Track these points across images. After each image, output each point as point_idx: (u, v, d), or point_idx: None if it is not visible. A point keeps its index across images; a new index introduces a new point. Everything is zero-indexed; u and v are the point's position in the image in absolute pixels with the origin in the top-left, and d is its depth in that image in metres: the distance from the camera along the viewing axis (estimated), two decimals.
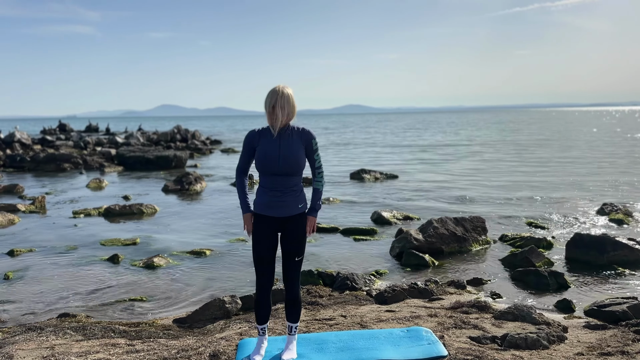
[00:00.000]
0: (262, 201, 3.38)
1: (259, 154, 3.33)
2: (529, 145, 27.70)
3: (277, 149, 3.30)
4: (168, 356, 3.90)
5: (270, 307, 3.61)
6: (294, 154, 3.31)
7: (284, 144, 3.32)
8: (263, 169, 3.33)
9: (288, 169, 3.31)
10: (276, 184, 3.34)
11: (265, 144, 3.33)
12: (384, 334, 4.07)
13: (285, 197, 3.36)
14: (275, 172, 3.31)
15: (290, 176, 3.35)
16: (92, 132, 56.26)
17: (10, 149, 27.28)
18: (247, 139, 3.42)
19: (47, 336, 4.43)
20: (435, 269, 6.70)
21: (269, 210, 3.37)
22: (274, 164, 3.29)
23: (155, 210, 11.00)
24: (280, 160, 3.29)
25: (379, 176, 15.73)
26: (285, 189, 3.36)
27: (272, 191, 3.35)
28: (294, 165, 3.31)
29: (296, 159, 3.32)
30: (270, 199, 3.36)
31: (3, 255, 7.62)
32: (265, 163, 3.30)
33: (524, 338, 3.92)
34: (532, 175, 15.63)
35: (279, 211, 3.37)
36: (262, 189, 3.41)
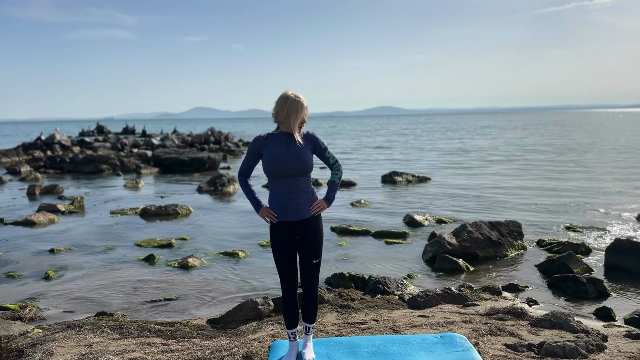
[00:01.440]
0: (277, 207, 3.42)
1: (268, 157, 3.37)
2: (568, 148, 27.03)
3: (285, 150, 3.36)
4: (202, 356, 3.96)
5: (298, 310, 3.62)
6: (301, 153, 3.36)
7: (292, 146, 3.37)
8: (274, 171, 3.36)
9: (297, 169, 3.36)
10: (287, 186, 3.38)
11: (273, 147, 3.38)
12: (417, 339, 4.02)
13: (299, 199, 3.40)
14: (284, 173, 3.35)
15: (299, 176, 3.40)
16: (128, 134, 57.55)
17: (51, 150, 28.15)
18: (254, 144, 3.46)
19: (86, 334, 4.54)
20: (469, 274, 6.60)
21: (284, 215, 3.41)
22: (283, 164, 3.33)
23: (190, 211, 11.17)
24: (289, 160, 3.34)
25: (411, 179, 15.60)
26: (298, 191, 3.40)
27: (285, 194, 3.39)
28: (303, 164, 3.36)
29: (304, 158, 3.37)
30: (284, 204, 3.40)
31: (44, 253, 7.86)
32: (274, 164, 3.34)
33: (561, 346, 3.83)
34: (571, 180, 15.25)
35: (293, 215, 3.41)
36: (274, 194, 3.44)
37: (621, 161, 20.14)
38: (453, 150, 27.82)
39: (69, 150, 29.55)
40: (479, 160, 22.06)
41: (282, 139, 3.40)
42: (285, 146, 3.36)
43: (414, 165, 20.71)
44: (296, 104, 3.34)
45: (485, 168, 18.86)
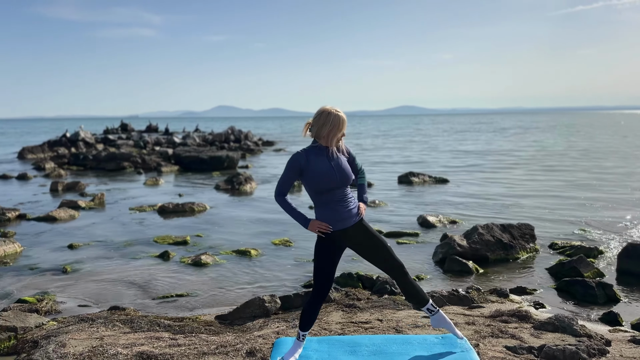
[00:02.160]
0: (329, 218, 3.49)
1: (316, 173, 3.44)
2: (594, 152, 26.60)
3: (329, 164, 3.46)
4: (207, 351, 4.07)
5: (316, 316, 3.71)
6: (343, 166, 3.51)
7: (333, 159, 3.50)
8: (322, 187, 3.45)
9: (344, 181, 3.49)
10: (338, 197, 3.50)
11: (316, 163, 3.46)
12: (418, 339, 4.08)
13: (349, 206, 3.53)
14: (333, 186, 3.46)
15: (345, 187, 3.54)
16: (151, 131, 58.35)
17: (75, 148, 28.76)
18: (294, 162, 3.46)
19: (98, 327, 4.70)
20: (478, 276, 6.61)
21: (337, 224, 3.49)
22: (332, 178, 3.44)
23: (206, 208, 11.36)
24: (335, 173, 3.45)
25: (428, 179, 15.57)
26: (345, 200, 3.53)
27: (337, 205, 3.49)
28: (348, 175, 3.51)
29: (348, 170, 3.53)
30: (336, 214, 3.49)
31: (64, 248, 8.09)
32: (323, 180, 3.43)
33: (561, 350, 3.84)
34: (592, 183, 15.05)
35: (347, 222, 3.51)
36: (324, 207, 3.50)
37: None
38: (473, 152, 27.62)
39: (92, 147, 30.13)
40: (498, 162, 21.88)
41: (322, 153, 3.48)
42: (328, 161, 3.47)
43: (432, 166, 20.64)
44: (338, 119, 3.44)
45: (504, 170, 18.71)
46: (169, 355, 3.99)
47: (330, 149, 3.51)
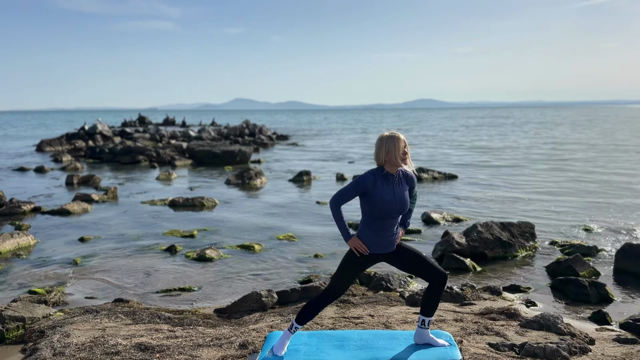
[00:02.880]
0: (372, 241, 3.66)
1: (378, 200, 3.58)
2: (611, 148, 26.30)
3: (392, 194, 3.60)
4: (202, 343, 4.27)
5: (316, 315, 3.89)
6: (405, 197, 3.65)
7: (397, 189, 3.64)
8: (381, 214, 3.59)
9: (400, 211, 3.64)
10: (388, 225, 3.65)
11: (382, 190, 3.59)
12: (405, 335, 4.22)
13: (393, 234, 3.70)
14: (391, 215, 3.61)
15: (398, 216, 3.70)
16: (168, 124, 58.99)
17: (93, 140, 29.27)
18: (363, 182, 3.58)
19: (101, 319, 4.93)
20: (475, 273, 6.72)
21: (380, 249, 3.68)
22: (392, 209, 3.59)
23: (215, 203, 11.58)
24: (396, 205, 3.60)
25: (437, 176, 15.62)
26: (392, 228, 3.68)
27: (384, 232, 3.65)
28: (405, 207, 3.66)
29: (407, 202, 3.67)
30: (380, 240, 3.66)
31: (75, 241, 8.37)
32: (384, 208, 3.57)
33: (542, 348, 3.96)
34: (603, 184, 14.96)
35: (385, 249, 3.70)
36: (371, 230, 3.65)
37: None
38: (486, 148, 27.51)
39: (109, 140, 30.63)
40: (512, 158, 21.80)
41: (388, 181, 3.62)
42: (393, 191, 3.61)
43: (443, 162, 20.64)
44: (392, 139, 3.57)
45: (515, 168, 18.66)
46: (165, 346, 4.19)
47: (396, 174, 3.64)
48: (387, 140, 3.59)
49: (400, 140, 3.61)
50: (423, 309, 3.92)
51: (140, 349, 4.15)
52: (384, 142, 3.60)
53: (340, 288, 3.79)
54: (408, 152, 3.65)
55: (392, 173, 3.64)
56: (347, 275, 3.76)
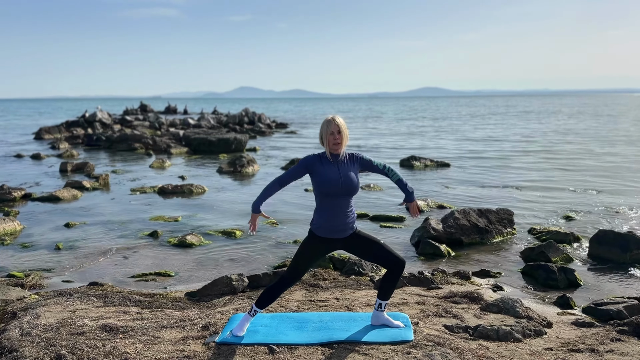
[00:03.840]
0: (326, 226, 3.75)
1: (321, 178, 3.68)
2: (615, 139, 26.17)
3: (337, 172, 3.69)
4: (167, 325, 4.37)
5: (275, 299, 4.00)
6: (351, 177, 3.72)
7: (342, 167, 3.72)
8: (327, 191, 3.68)
9: (349, 190, 3.71)
10: (339, 206, 3.72)
11: (325, 169, 3.70)
12: (363, 317, 4.32)
13: (346, 219, 3.77)
14: (337, 193, 3.69)
15: (349, 197, 3.76)
16: (170, 113, 59.08)
17: (92, 128, 29.38)
18: (306, 162, 3.72)
19: (73, 301, 5.03)
20: (450, 259, 6.80)
21: (332, 233, 3.77)
22: (336, 185, 3.67)
23: (204, 190, 11.68)
24: (342, 182, 3.68)
25: (430, 164, 15.66)
26: (345, 211, 3.76)
27: (335, 214, 3.73)
28: (353, 185, 3.72)
29: (354, 180, 3.74)
30: (334, 224, 3.74)
31: (60, 227, 8.49)
32: (328, 185, 3.66)
33: (495, 330, 4.04)
34: (600, 169, 14.99)
35: (340, 233, 3.78)
36: (324, 212, 3.75)
37: None
38: (485, 138, 27.48)
39: (109, 128, 30.74)
40: (507, 149, 21.80)
41: (332, 162, 3.72)
42: (337, 170, 3.70)
43: (438, 150, 20.66)
44: (324, 123, 3.70)
45: (510, 156, 18.67)
46: (129, 327, 4.29)
47: (341, 156, 3.72)
48: (322, 124, 3.72)
49: (330, 124, 3.68)
50: (380, 293, 4.02)
51: (105, 330, 4.24)
52: (321, 125, 3.73)
53: (296, 273, 3.88)
54: (341, 136, 3.67)
55: (335, 154, 3.72)
56: (302, 261, 3.85)
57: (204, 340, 3.97)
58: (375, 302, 4.07)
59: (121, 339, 4.06)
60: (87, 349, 3.79)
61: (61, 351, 3.74)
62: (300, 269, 3.87)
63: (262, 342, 3.88)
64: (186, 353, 3.75)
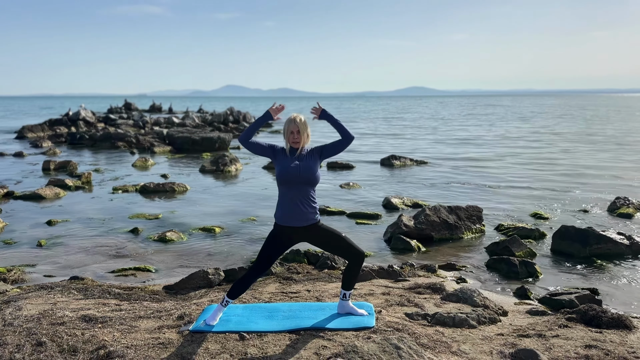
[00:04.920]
0: (284, 213, 4.00)
1: (279, 167, 3.97)
2: (586, 140, 26.74)
3: (295, 163, 3.97)
4: (143, 315, 4.60)
5: (246, 289, 4.25)
6: (310, 166, 3.98)
7: (301, 159, 4.01)
8: (283, 179, 3.95)
9: (307, 178, 3.96)
10: (297, 194, 3.97)
11: (284, 159, 3.99)
12: (330, 306, 4.59)
13: (305, 207, 4.00)
14: (294, 181, 3.94)
15: (308, 186, 4.00)
16: (155, 111, 58.90)
17: (75, 127, 29.32)
18: (272, 145, 4.07)
19: (54, 294, 5.24)
20: (420, 254, 7.10)
21: (290, 220, 4.01)
22: (293, 174, 3.93)
23: (187, 189, 11.88)
24: (300, 171, 3.94)
25: (409, 163, 15.99)
26: (305, 199, 3.99)
27: (293, 202, 3.97)
28: (312, 174, 3.97)
29: (313, 169, 3.99)
30: (291, 211, 3.98)
31: (43, 224, 8.65)
32: (285, 174, 3.93)
33: (452, 317, 4.34)
34: (570, 173, 15.43)
35: (299, 221, 4.00)
36: (283, 201, 4.02)
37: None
38: (464, 138, 27.92)
39: (93, 126, 30.69)
40: (484, 149, 22.23)
41: (291, 154, 4.02)
42: (295, 159, 3.98)
43: (420, 150, 21.02)
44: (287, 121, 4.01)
45: (488, 156, 19.08)
46: (108, 318, 4.52)
47: (303, 150, 4.01)
48: (285, 121, 4.05)
49: (291, 124, 3.99)
50: (343, 284, 4.30)
51: (84, 320, 4.47)
52: (284, 123, 4.06)
53: (263, 263, 4.13)
54: (300, 136, 3.97)
55: (295, 148, 4.02)
56: (267, 250, 4.10)
57: (178, 329, 4.21)
58: (341, 293, 4.34)
59: (100, 328, 4.29)
60: (67, 337, 4.02)
61: (42, 339, 3.96)
62: (266, 259, 4.11)
63: (234, 330, 4.13)
64: (161, 340, 3.99)
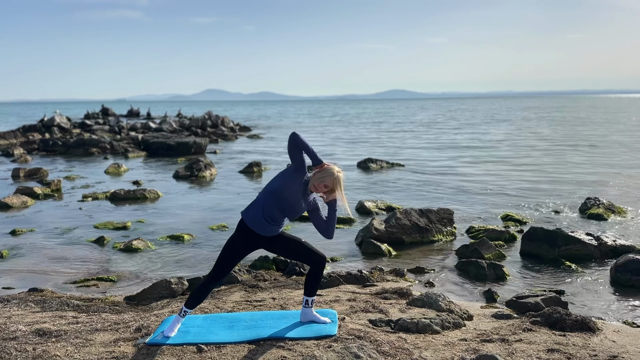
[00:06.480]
0: (258, 221, 3.92)
1: (286, 186, 3.86)
2: (562, 141, 27.09)
3: (298, 196, 3.88)
4: (100, 328, 4.46)
5: (204, 298, 4.16)
6: (302, 209, 3.95)
7: (305, 200, 3.94)
8: (279, 197, 3.86)
9: (293, 215, 3.96)
10: (276, 215, 3.91)
11: (296, 186, 3.87)
12: (293, 314, 4.50)
13: (276, 224, 3.97)
14: (286, 209, 3.90)
15: (286, 216, 3.98)
16: (133, 116, 58.24)
17: (50, 133, 28.80)
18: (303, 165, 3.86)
19: (11, 307, 5.07)
20: (390, 258, 7.05)
21: (258, 228, 3.93)
22: (291, 204, 3.88)
23: (159, 195, 11.69)
24: (297, 208, 3.91)
25: (385, 165, 15.99)
26: (280, 219, 3.97)
27: (270, 218, 3.91)
28: (296, 215, 3.97)
29: (299, 212, 3.96)
30: (265, 224, 3.92)
31: (6, 234, 8.41)
32: (284, 196, 3.85)
33: (415, 323, 4.28)
34: (545, 175, 15.56)
35: (266, 232, 3.96)
36: (261, 211, 3.91)
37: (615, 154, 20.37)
38: (442, 142, 28.09)
39: (68, 132, 30.18)
40: (461, 152, 22.38)
41: (303, 187, 3.90)
42: (300, 194, 3.89)
43: (398, 155, 21.06)
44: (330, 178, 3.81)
45: (465, 159, 19.18)
46: (63, 331, 4.36)
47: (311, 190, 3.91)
48: (328, 171, 3.83)
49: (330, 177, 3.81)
50: (305, 290, 4.22)
51: (38, 334, 4.31)
52: (326, 174, 3.82)
53: (221, 271, 4.02)
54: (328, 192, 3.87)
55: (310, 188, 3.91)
56: (227, 257, 4.00)
57: (135, 342, 4.08)
58: (304, 300, 4.25)
59: (53, 343, 4.14)
60: (16, 352, 3.86)
61: None
62: (225, 264, 4.01)
63: (192, 342, 4.01)
64: (115, 354, 3.86)
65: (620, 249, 6.84)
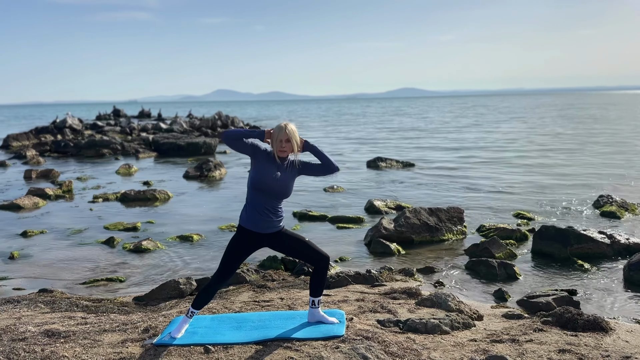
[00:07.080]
0: (250, 218, 3.89)
1: (258, 173, 3.81)
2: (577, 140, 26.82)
3: (276, 175, 3.83)
4: (108, 329, 4.46)
5: (211, 299, 4.13)
6: (288, 179, 3.88)
7: (283, 172, 3.86)
8: (260, 187, 3.82)
9: (281, 193, 3.87)
10: (267, 204, 3.86)
11: (266, 165, 3.83)
12: (301, 315, 4.47)
13: (271, 216, 3.90)
14: (269, 192, 3.83)
15: (279, 198, 3.90)
16: (144, 117, 58.59)
17: (61, 134, 29.03)
18: (257, 144, 3.83)
19: (21, 308, 5.10)
20: (399, 257, 7.00)
21: (255, 227, 3.90)
22: (271, 184, 3.81)
23: (169, 196, 11.72)
24: (277, 183, 3.83)
25: (395, 164, 15.92)
26: (273, 209, 3.90)
27: (262, 211, 3.86)
28: (287, 189, 3.88)
29: (289, 185, 3.89)
30: (257, 218, 3.87)
31: (17, 236, 8.47)
32: (263, 183, 3.80)
33: (424, 323, 4.23)
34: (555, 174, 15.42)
35: (263, 228, 3.91)
36: (251, 207, 3.89)
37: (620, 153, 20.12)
38: (452, 140, 27.94)
39: (79, 134, 30.40)
40: (471, 151, 22.23)
41: (274, 162, 3.86)
42: (277, 171, 3.84)
43: (409, 153, 20.97)
44: (276, 129, 3.82)
45: (472, 160, 19.06)
46: (71, 332, 4.37)
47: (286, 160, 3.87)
48: (275, 129, 3.86)
49: (281, 132, 3.83)
50: (311, 290, 4.18)
51: (47, 335, 4.32)
52: (277, 132, 3.83)
53: (226, 272, 4.01)
54: (289, 144, 3.82)
55: (281, 157, 3.86)
56: (230, 258, 3.98)
57: (142, 342, 4.08)
58: (310, 301, 4.22)
59: (61, 344, 4.14)
60: (25, 353, 3.87)
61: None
62: (228, 265, 3.99)
63: (199, 343, 4.00)
64: (123, 355, 3.86)
65: (633, 247, 6.73)
